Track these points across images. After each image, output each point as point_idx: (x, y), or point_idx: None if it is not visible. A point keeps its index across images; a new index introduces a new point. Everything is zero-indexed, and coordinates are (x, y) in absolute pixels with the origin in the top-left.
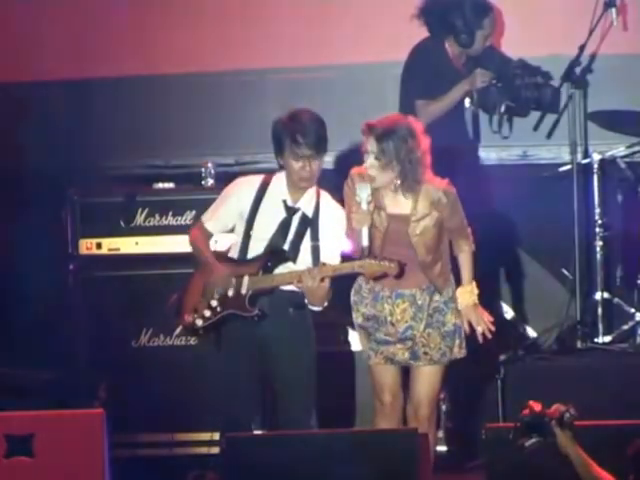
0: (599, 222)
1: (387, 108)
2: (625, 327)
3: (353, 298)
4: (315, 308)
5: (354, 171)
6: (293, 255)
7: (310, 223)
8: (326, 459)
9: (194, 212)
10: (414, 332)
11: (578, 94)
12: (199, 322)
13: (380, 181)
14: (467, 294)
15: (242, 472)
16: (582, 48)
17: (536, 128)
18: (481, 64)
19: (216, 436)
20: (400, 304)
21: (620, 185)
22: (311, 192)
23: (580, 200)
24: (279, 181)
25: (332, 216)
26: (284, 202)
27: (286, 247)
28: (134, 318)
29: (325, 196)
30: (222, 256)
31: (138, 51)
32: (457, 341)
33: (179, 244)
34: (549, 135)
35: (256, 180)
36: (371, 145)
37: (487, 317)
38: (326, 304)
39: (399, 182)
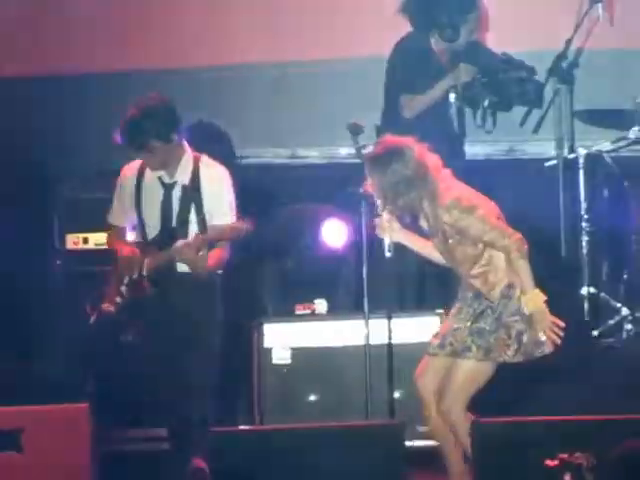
0: (585, 217)
1: (372, 103)
2: (611, 322)
3: None
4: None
5: None
6: (183, 230)
7: (192, 193)
8: (313, 453)
9: None
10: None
11: (564, 89)
12: (111, 309)
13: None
14: (530, 301)
15: (230, 466)
16: (568, 43)
17: (522, 123)
18: (465, 59)
19: None
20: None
21: (606, 180)
22: (185, 161)
23: (566, 195)
24: None
25: (211, 177)
26: (159, 179)
27: (174, 223)
28: (120, 312)
29: (203, 159)
30: (133, 244)
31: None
32: (500, 343)
33: None
34: (535, 130)
35: (135, 164)
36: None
37: (557, 322)
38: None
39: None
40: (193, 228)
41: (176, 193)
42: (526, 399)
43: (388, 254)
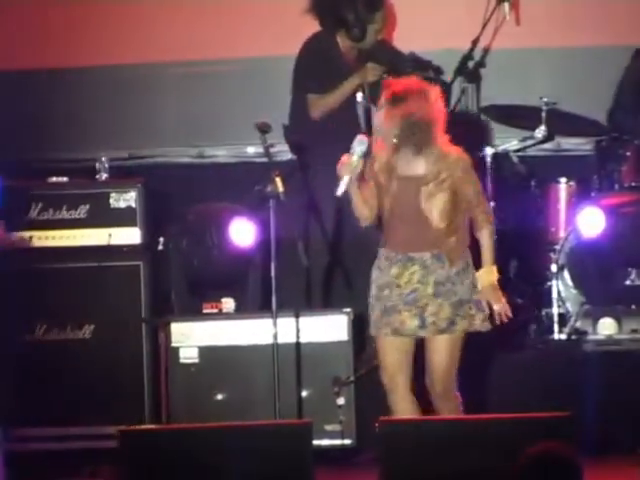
0: None
1: (280, 102)
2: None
3: (373, 275)
4: None
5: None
6: None
7: None
8: (221, 452)
9: (88, 206)
10: (417, 295)
11: (471, 88)
12: None
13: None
14: (487, 274)
15: (138, 466)
16: (475, 42)
17: None
18: (372, 58)
19: (111, 430)
20: (410, 267)
21: (513, 179)
22: None
23: None
24: None
25: None
26: None
27: None
28: (28, 313)
29: None
30: None
31: (41, 45)
32: (474, 312)
33: (73, 238)
34: None
35: None
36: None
37: (504, 300)
38: None
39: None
40: None
41: None
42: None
43: (339, 194)
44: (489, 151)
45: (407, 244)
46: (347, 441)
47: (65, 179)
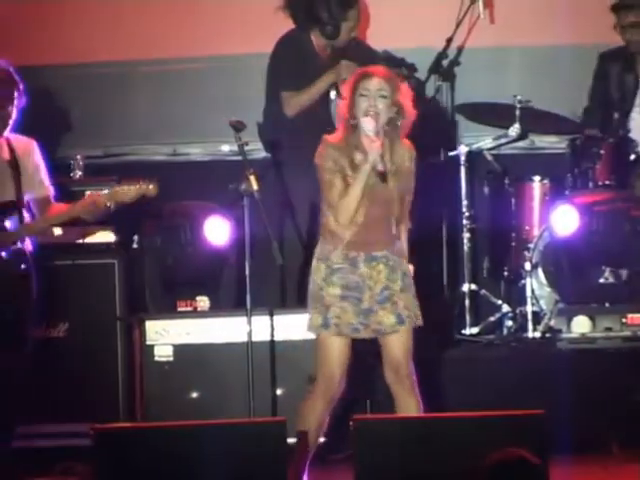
0: (466, 214)
1: (254, 99)
2: (492, 319)
3: (322, 274)
4: None
5: (327, 138)
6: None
7: (12, 169)
8: (195, 450)
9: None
10: (391, 292)
11: (445, 86)
12: None
13: (383, 119)
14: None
15: (112, 463)
16: (449, 40)
17: None
18: (346, 56)
19: (85, 428)
20: (375, 266)
21: (487, 177)
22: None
23: (447, 192)
24: None
25: (26, 148)
26: None
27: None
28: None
29: (14, 136)
30: None
31: (14, 42)
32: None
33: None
34: None
35: None
36: (376, 84)
37: None
38: None
39: (387, 128)
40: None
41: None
42: None
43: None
44: (463, 149)
45: (369, 245)
46: (321, 439)
47: None
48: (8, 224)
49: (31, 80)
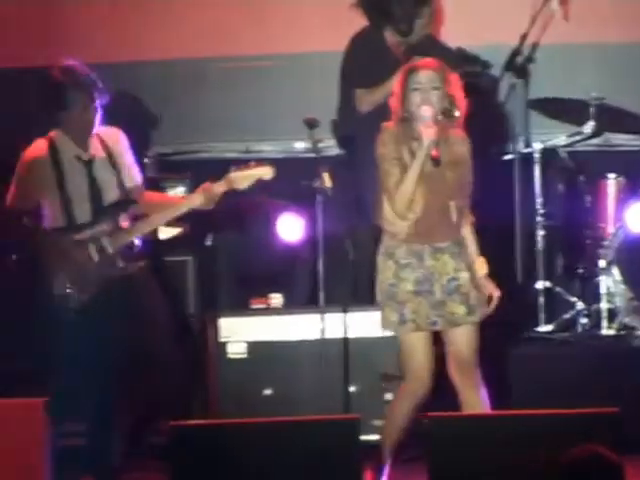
0: (540, 211)
1: (328, 97)
2: (566, 316)
3: (391, 270)
4: None
5: (387, 125)
6: (126, 201)
7: (111, 163)
8: (268, 448)
9: None
10: (458, 283)
11: (520, 84)
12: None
13: (437, 110)
14: (482, 264)
15: (189, 461)
16: (524, 37)
17: None
18: (420, 53)
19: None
20: (441, 257)
21: (561, 174)
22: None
23: (521, 189)
24: (62, 139)
25: (115, 139)
26: (77, 158)
27: (112, 198)
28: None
29: (104, 130)
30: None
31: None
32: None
33: None
34: None
35: (39, 148)
36: (428, 77)
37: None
38: None
39: (441, 118)
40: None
41: (98, 168)
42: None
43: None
44: (537, 146)
45: (431, 237)
46: None
47: None
48: (124, 221)
49: (104, 78)
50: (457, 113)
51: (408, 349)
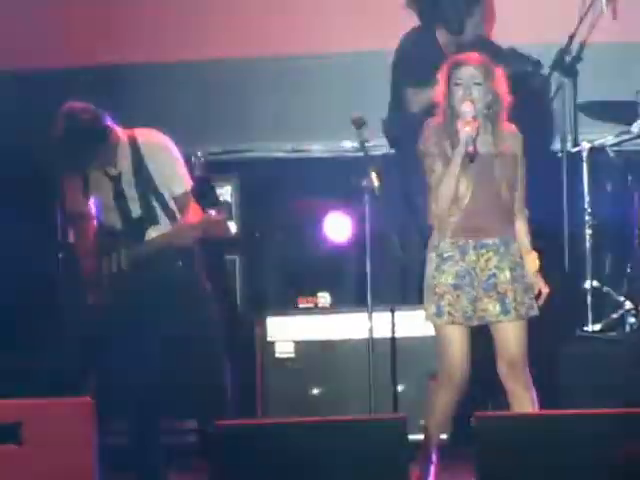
0: (588, 210)
1: (376, 96)
2: (614, 315)
3: (434, 263)
4: None
5: (430, 121)
6: (152, 216)
7: (141, 176)
8: (315, 447)
9: None
10: (497, 281)
11: (568, 83)
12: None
13: (479, 106)
14: (534, 260)
15: (236, 459)
16: (572, 37)
17: None
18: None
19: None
20: (485, 254)
21: (609, 174)
22: (123, 144)
23: (569, 189)
24: None
25: (153, 149)
26: (105, 173)
27: (139, 213)
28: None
29: (141, 134)
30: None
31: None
32: (533, 296)
33: None
34: None
35: None
36: (470, 72)
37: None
38: None
39: (486, 111)
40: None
41: (126, 182)
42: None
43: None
44: (585, 145)
45: (478, 232)
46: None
47: None
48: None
49: (147, 77)
50: (499, 107)
51: (443, 341)
